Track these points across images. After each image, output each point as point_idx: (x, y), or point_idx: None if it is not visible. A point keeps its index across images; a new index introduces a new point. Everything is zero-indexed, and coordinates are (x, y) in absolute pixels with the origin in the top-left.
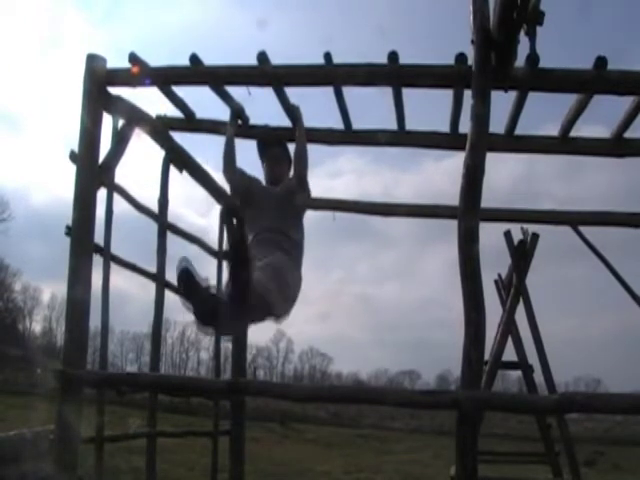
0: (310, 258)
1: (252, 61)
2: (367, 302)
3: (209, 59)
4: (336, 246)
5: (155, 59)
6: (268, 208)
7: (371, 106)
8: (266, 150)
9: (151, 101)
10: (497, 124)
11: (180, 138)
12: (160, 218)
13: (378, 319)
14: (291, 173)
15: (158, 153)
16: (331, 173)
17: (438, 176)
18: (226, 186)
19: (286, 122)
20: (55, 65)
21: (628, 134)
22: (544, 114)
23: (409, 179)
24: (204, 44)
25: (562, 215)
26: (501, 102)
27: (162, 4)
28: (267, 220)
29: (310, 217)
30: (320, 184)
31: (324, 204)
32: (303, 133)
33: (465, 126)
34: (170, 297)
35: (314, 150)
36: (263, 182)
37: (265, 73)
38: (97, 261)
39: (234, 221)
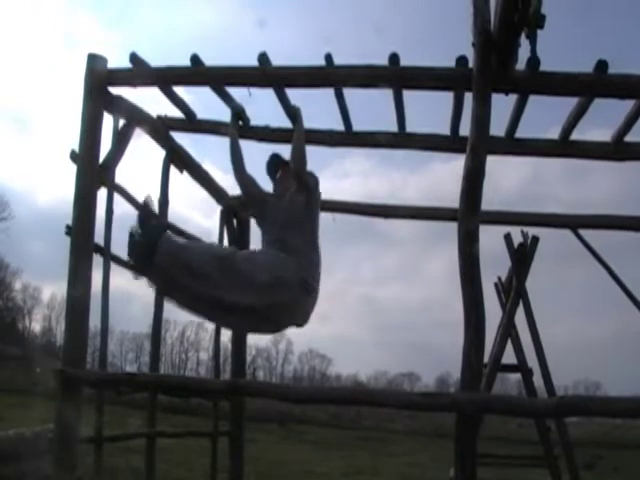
0: None
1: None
2: (367, 304)
3: (219, 60)
4: (339, 247)
5: (166, 61)
6: (277, 221)
7: (372, 108)
8: (276, 172)
9: (153, 101)
10: (499, 127)
11: (180, 138)
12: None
13: (378, 321)
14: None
15: (159, 153)
16: (338, 174)
17: (445, 177)
18: (237, 189)
19: (286, 123)
20: (65, 67)
21: (629, 138)
22: (550, 118)
23: (416, 180)
24: (215, 45)
25: (562, 218)
26: (502, 105)
27: (173, 6)
28: (274, 233)
29: None
30: (326, 185)
31: (325, 206)
32: (302, 134)
33: (466, 129)
34: None
35: (317, 152)
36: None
37: (266, 74)
38: (97, 261)
39: (234, 222)
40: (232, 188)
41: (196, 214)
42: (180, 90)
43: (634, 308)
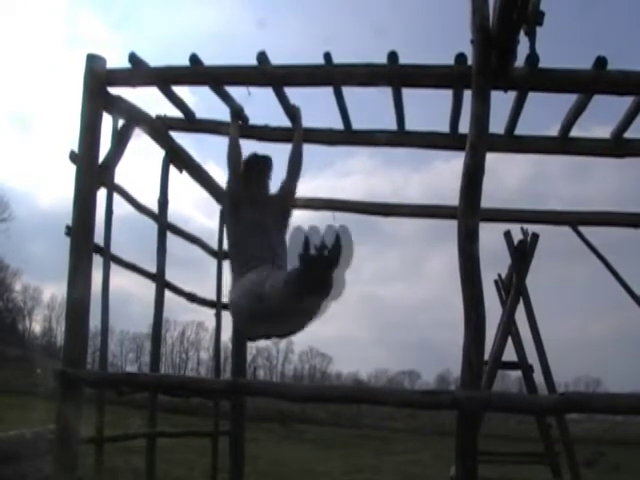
0: None
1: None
2: (368, 302)
3: (220, 60)
4: None
5: (169, 61)
6: (270, 226)
7: (371, 106)
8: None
9: (153, 101)
10: (498, 124)
11: (183, 138)
12: (160, 218)
13: (378, 319)
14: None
15: (159, 153)
16: (340, 173)
17: (447, 176)
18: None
19: (286, 122)
20: (67, 68)
21: (629, 134)
22: (550, 115)
23: (418, 179)
24: (215, 45)
25: (562, 215)
26: (502, 102)
27: (175, 7)
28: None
29: (314, 217)
30: (327, 184)
31: (326, 204)
32: (301, 137)
33: (465, 126)
34: (170, 297)
35: (320, 151)
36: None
37: (265, 73)
38: (97, 261)
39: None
40: None
41: (198, 214)
42: (184, 91)
43: (634, 305)
